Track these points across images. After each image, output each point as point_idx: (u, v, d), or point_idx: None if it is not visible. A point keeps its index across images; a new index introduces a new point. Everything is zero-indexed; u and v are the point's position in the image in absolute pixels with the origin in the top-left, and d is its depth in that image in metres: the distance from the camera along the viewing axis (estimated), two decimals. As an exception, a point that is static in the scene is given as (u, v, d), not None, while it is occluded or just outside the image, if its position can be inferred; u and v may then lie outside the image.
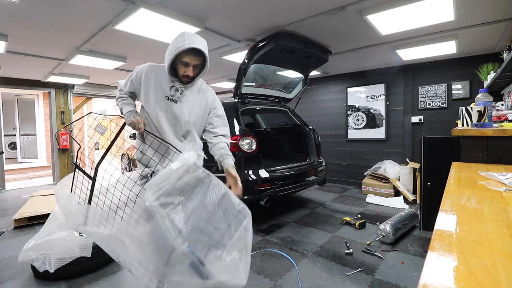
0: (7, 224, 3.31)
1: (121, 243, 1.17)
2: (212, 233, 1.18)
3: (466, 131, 1.63)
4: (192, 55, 1.41)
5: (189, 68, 1.44)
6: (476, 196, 0.87)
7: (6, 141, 7.86)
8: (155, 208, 1.12)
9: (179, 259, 1.11)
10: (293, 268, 2.19)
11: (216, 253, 1.14)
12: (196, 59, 1.43)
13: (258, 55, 3.05)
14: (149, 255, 1.16)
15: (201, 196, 1.22)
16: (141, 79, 1.53)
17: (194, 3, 2.38)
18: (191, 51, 1.39)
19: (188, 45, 1.36)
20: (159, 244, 1.15)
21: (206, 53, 1.42)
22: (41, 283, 2.03)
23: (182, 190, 1.23)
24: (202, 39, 1.45)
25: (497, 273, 0.40)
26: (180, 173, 1.20)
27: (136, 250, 1.16)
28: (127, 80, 1.61)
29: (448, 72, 4.20)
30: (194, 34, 1.44)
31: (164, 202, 1.19)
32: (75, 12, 2.50)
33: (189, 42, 1.37)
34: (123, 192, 1.31)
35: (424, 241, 2.63)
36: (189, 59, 1.42)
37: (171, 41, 1.45)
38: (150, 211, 1.12)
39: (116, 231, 1.19)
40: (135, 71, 1.57)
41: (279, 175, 3.07)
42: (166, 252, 1.14)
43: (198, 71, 1.49)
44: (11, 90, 6.67)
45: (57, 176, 6.07)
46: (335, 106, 5.47)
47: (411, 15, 2.53)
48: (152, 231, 1.17)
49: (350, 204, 3.97)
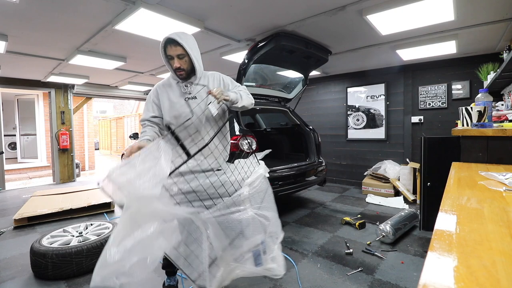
0: (7, 224, 3.31)
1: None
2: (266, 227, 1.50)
3: (466, 131, 1.62)
4: (170, 46, 1.52)
5: (173, 60, 1.54)
6: (476, 196, 0.87)
7: (6, 141, 7.86)
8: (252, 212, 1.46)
9: (248, 246, 1.41)
10: (293, 268, 2.19)
11: (270, 244, 1.49)
12: (175, 49, 1.52)
13: (258, 55, 3.05)
14: (219, 236, 1.36)
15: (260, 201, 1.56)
16: (158, 97, 1.65)
17: (194, 3, 2.38)
18: (168, 43, 1.52)
19: (164, 39, 1.52)
20: (228, 227, 1.39)
21: (179, 41, 1.49)
22: (41, 283, 2.03)
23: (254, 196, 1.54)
24: (182, 32, 1.55)
25: (497, 273, 0.40)
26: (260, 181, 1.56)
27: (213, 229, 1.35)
28: (147, 106, 1.68)
29: (448, 72, 4.20)
30: (182, 32, 1.55)
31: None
32: (75, 12, 2.50)
33: (165, 37, 1.51)
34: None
35: (424, 241, 2.63)
36: (170, 51, 1.53)
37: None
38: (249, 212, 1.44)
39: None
40: (149, 96, 1.68)
41: (279, 175, 3.07)
42: (231, 236, 1.39)
43: (187, 63, 1.57)
44: (11, 90, 6.68)
45: (57, 176, 6.07)
46: (335, 106, 5.47)
47: (411, 15, 2.53)
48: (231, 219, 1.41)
49: (350, 204, 3.97)
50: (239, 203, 1.44)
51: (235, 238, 1.42)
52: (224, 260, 1.40)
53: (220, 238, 1.36)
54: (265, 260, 1.45)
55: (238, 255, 1.43)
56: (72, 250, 2.06)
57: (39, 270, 2.05)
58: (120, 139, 13.56)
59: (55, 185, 5.91)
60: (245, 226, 1.43)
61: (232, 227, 1.41)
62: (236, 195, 1.43)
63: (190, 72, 1.60)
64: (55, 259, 2.01)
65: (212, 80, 1.68)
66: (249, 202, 1.46)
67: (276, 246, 1.51)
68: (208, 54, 3.81)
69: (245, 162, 1.59)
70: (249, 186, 1.48)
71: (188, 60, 1.56)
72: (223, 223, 1.40)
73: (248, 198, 1.46)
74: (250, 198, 1.47)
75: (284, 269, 1.47)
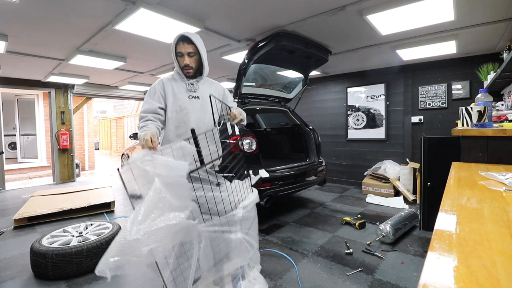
0: (7, 224, 3.31)
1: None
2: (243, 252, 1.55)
3: (466, 131, 1.62)
4: (182, 43, 1.60)
5: (183, 57, 1.62)
6: (476, 196, 0.87)
7: (6, 141, 7.86)
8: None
9: (229, 269, 1.44)
10: (293, 268, 2.19)
11: (247, 270, 1.57)
12: (187, 46, 1.61)
13: (258, 55, 3.05)
14: (207, 255, 1.38)
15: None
16: (163, 86, 1.67)
17: (194, 3, 2.38)
18: (181, 40, 1.60)
19: (177, 36, 1.60)
20: (217, 246, 1.43)
21: (193, 39, 1.58)
22: (41, 283, 2.03)
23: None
24: (194, 33, 1.65)
25: (497, 273, 0.40)
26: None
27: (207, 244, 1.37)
28: (153, 97, 1.65)
29: (448, 72, 4.20)
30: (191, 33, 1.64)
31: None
32: (75, 12, 2.50)
33: (179, 34, 1.61)
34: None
35: (424, 241, 2.63)
36: (182, 48, 1.61)
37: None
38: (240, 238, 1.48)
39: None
40: (154, 88, 1.67)
41: (279, 175, 3.07)
42: (217, 257, 1.42)
43: (196, 61, 1.65)
44: (11, 90, 6.67)
45: (57, 176, 6.07)
46: (335, 106, 5.47)
47: (411, 15, 2.53)
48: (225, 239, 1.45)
49: (350, 204, 3.97)
50: (232, 223, 1.47)
51: (221, 259, 1.45)
52: (206, 280, 1.42)
53: (208, 257, 1.37)
54: (247, 285, 1.53)
55: (218, 277, 1.46)
56: (72, 250, 2.06)
57: (39, 270, 2.05)
58: (120, 139, 13.56)
59: (55, 185, 5.91)
60: (232, 248, 1.46)
61: (221, 247, 1.42)
62: (230, 215, 1.44)
63: (197, 71, 1.69)
64: (55, 259, 2.01)
65: (215, 89, 1.81)
66: (239, 225, 1.51)
67: (252, 271, 1.62)
68: (208, 54, 3.74)
69: (242, 184, 1.63)
70: (243, 209, 1.51)
71: (197, 59, 1.65)
72: (215, 240, 1.40)
73: (240, 221, 1.50)
74: (241, 221, 1.52)
75: (266, 285, 1.65)
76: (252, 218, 1.61)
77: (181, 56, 1.62)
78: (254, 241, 1.60)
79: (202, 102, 1.71)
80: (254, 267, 1.64)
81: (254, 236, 1.61)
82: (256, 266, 1.65)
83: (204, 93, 1.71)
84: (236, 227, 1.48)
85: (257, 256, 1.64)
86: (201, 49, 1.62)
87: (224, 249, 1.44)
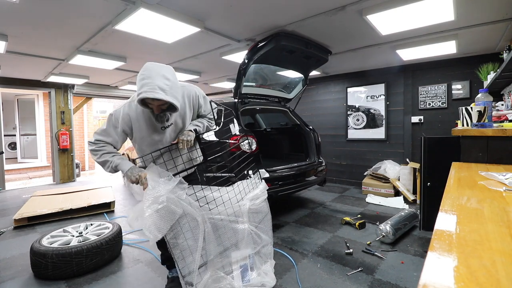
0: (7, 224, 3.31)
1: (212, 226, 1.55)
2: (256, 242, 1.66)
3: (466, 131, 1.62)
4: (150, 100, 1.34)
5: (153, 107, 1.39)
6: (476, 196, 0.87)
7: (6, 141, 7.86)
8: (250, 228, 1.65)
9: (236, 257, 1.54)
10: (293, 268, 2.19)
11: (258, 263, 1.66)
12: (158, 102, 1.34)
13: (258, 55, 3.05)
14: (213, 241, 1.51)
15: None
16: (131, 123, 1.52)
17: (194, 3, 2.38)
18: (150, 98, 1.32)
19: (142, 95, 1.29)
20: (224, 234, 1.52)
21: (164, 99, 1.30)
22: (41, 283, 2.03)
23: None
24: (163, 77, 1.32)
25: (497, 273, 0.40)
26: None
27: (211, 233, 1.51)
28: (111, 128, 1.51)
29: (448, 72, 4.20)
30: (156, 73, 1.32)
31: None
32: (75, 12, 2.50)
33: (146, 89, 1.28)
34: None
35: (424, 241, 2.63)
36: (151, 104, 1.37)
37: (138, 73, 1.37)
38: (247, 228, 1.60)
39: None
40: (116, 118, 1.50)
41: (279, 175, 3.07)
42: (224, 245, 1.53)
43: (167, 104, 1.41)
44: (11, 90, 6.67)
45: (57, 176, 6.07)
46: (335, 106, 5.47)
47: (411, 15, 2.53)
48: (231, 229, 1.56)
49: (350, 204, 3.97)
50: (239, 214, 1.55)
51: (228, 247, 1.55)
52: (213, 265, 1.52)
53: (213, 243, 1.50)
54: (255, 277, 1.60)
55: (227, 263, 1.54)
56: (72, 250, 2.06)
57: (39, 270, 2.05)
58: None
59: (55, 185, 5.91)
60: (240, 238, 1.54)
61: (228, 235, 1.53)
62: (236, 205, 1.48)
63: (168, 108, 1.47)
64: (55, 259, 2.01)
65: (186, 97, 1.60)
66: (247, 217, 1.58)
67: (264, 265, 1.70)
68: (208, 54, 3.81)
69: (246, 184, 1.72)
70: (250, 200, 1.55)
71: (168, 105, 1.43)
72: (221, 228, 1.51)
73: (248, 213, 1.58)
74: (250, 214, 1.60)
75: (275, 280, 1.72)
76: (264, 213, 1.64)
77: (151, 105, 1.40)
78: (265, 235, 1.65)
79: (175, 124, 1.59)
80: (267, 262, 1.65)
81: (267, 230, 1.65)
82: (269, 261, 1.67)
83: (176, 115, 1.57)
84: (244, 218, 1.56)
85: (270, 251, 1.66)
86: (173, 100, 1.35)
87: (232, 238, 1.54)
